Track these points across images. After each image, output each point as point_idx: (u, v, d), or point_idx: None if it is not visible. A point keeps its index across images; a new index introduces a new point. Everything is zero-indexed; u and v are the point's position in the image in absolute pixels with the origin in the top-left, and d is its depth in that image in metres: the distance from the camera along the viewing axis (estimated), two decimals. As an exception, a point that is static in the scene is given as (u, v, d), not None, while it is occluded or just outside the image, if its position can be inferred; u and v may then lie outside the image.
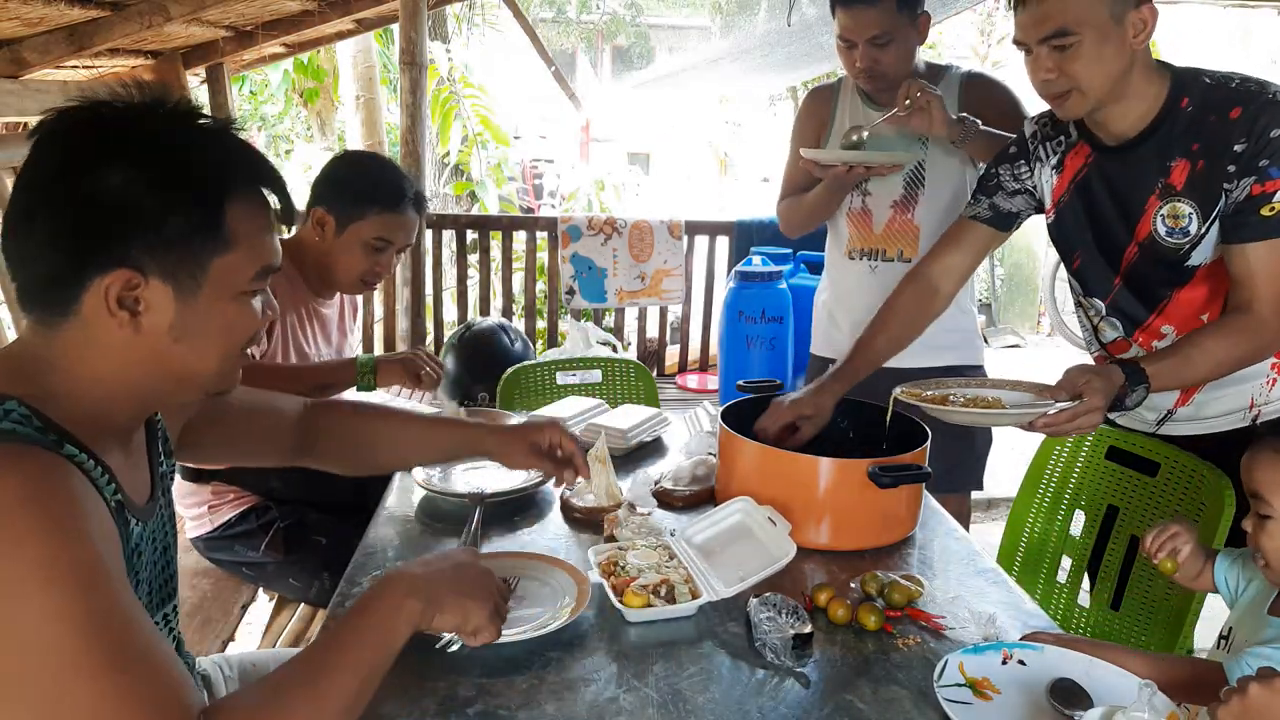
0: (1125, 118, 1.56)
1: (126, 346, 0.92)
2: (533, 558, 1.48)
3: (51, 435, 0.88)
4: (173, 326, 0.92)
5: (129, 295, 0.89)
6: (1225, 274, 1.55)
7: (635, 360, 2.91)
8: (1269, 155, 1.44)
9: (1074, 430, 1.48)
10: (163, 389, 0.98)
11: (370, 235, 2.02)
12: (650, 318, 4.94)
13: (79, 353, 0.92)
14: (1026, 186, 1.78)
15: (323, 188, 2.06)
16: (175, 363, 0.95)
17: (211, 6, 3.34)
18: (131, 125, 0.91)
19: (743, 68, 6.16)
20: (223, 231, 0.92)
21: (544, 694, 1.15)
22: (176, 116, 0.94)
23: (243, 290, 0.96)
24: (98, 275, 0.88)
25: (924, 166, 2.22)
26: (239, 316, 0.97)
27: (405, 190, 2.05)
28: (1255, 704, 0.92)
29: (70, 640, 0.78)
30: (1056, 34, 1.47)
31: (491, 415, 2.24)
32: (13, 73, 3.23)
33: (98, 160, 0.88)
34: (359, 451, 1.44)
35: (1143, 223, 1.60)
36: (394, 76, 6.07)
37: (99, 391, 0.93)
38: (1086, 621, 1.90)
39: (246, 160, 0.97)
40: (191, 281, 0.92)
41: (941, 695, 1.13)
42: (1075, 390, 1.46)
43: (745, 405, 1.83)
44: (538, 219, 5.23)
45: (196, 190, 0.91)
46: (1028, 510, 2.04)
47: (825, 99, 2.36)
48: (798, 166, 2.38)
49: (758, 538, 1.49)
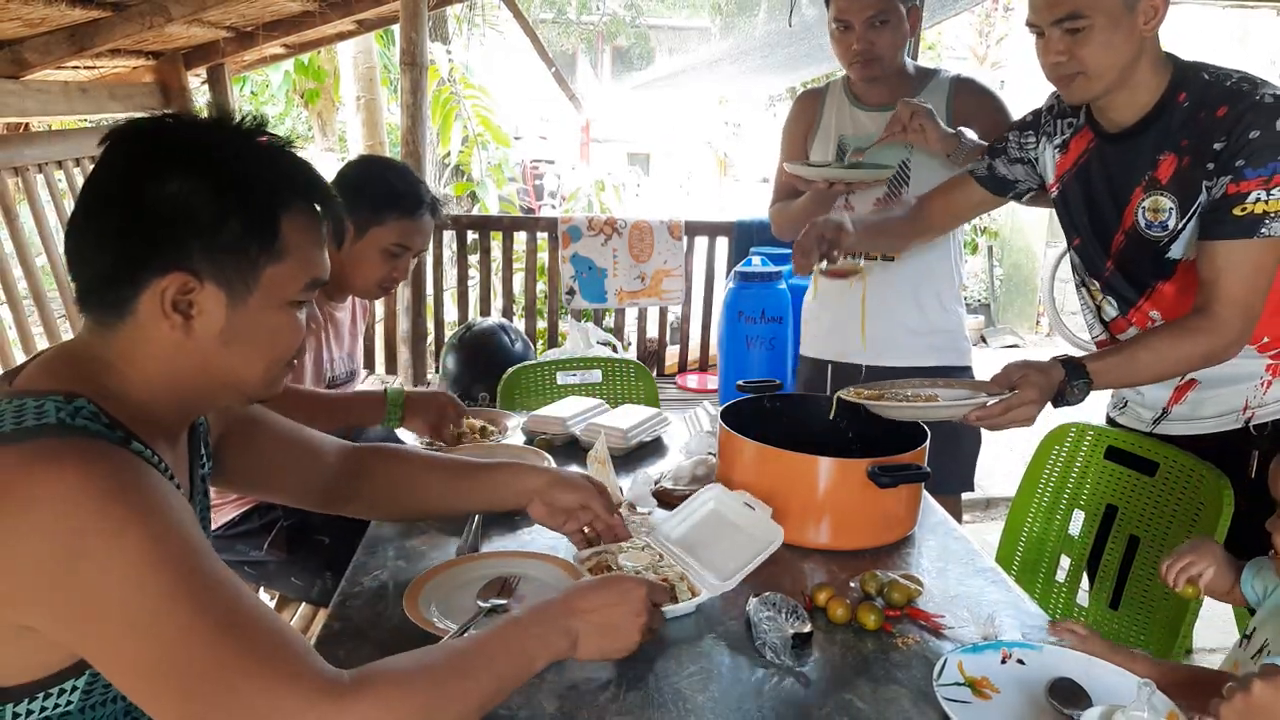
0: (1127, 107, 1.58)
1: (178, 349, 0.95)
2: (533, 557, 1.49)
3: (119, 432, 0.91)
4: (223, 331, 0.95)
5: (183, 299, 0.93)
6: None
7: (635, 360, 2.91)
8: (1245, 156, 1.45)
9: (1008, 423, 1.51)
10: (209, 392, 1.01)
11: (388, 241, 2.01)
12: (650, 318, 4.95)
13: (132, 354, 0.95)
14: (1029, 157, 1.81)
15: (341, 193, 2.05)
16: (223, 367, 0.98)
17: (212, 7, 3.35)
18: (196, 136, 0.96)
19: (742, 69, 6.16)
20: (277, 241, 0.95)
21: (544, 693, 1.15)
22: (240, 131, 0.98)
23: (291, 300, 1.00)
24: (155, 277, 0.91)
25: (909, 166, 2.23)
26: (285, 326, 1.00)
27: (423, 196, 2.04)
28: (1259, 700, 0.92)
29: (185, 616, 0.82)
30: (1069, 16, 1.49)
31: (492, 415, 2.25)
32: (14, 73, 3.24)
33: (161, 166, 0.92)
34: (402, 500, 1.41)
35: (1128, 212, 1.63)
36: (394, 77, 6.07)
37: (149, 393, 0.96)
38: (1085, 621, 1.90)
39: (304, 176, 1.00)
40: (244, 288, 0.95)
41: (941, 694, 1.13)
42: (1010, 384, 1.49)
43: (745, 405, 1.83)
44: (538, 219, 5.24)
45: (254, 199, 0.94)
46: (1027, 509, 2.04)
47: (813, 102, 2.38)
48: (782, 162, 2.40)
49: (738, 525, 1.48)
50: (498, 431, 2.16)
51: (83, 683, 0.89)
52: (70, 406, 0.88)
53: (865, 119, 2.27)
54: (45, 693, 0.88)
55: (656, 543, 1.48)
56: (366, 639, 1.27)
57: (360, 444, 1.44)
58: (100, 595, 0.81)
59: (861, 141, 2.22)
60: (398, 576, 1.45)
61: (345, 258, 2.02)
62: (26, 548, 0.80)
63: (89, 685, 0.90)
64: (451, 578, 1.41)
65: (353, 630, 1.28)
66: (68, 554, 0.80)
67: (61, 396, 0.89)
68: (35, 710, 0.88)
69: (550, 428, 2.10)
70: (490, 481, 1.42)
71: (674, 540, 1.49)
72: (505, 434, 2.15)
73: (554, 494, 1.39)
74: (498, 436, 2.13)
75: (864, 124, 2.27)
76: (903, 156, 2.21)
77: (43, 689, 0.88)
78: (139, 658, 0.82)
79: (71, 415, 0.88)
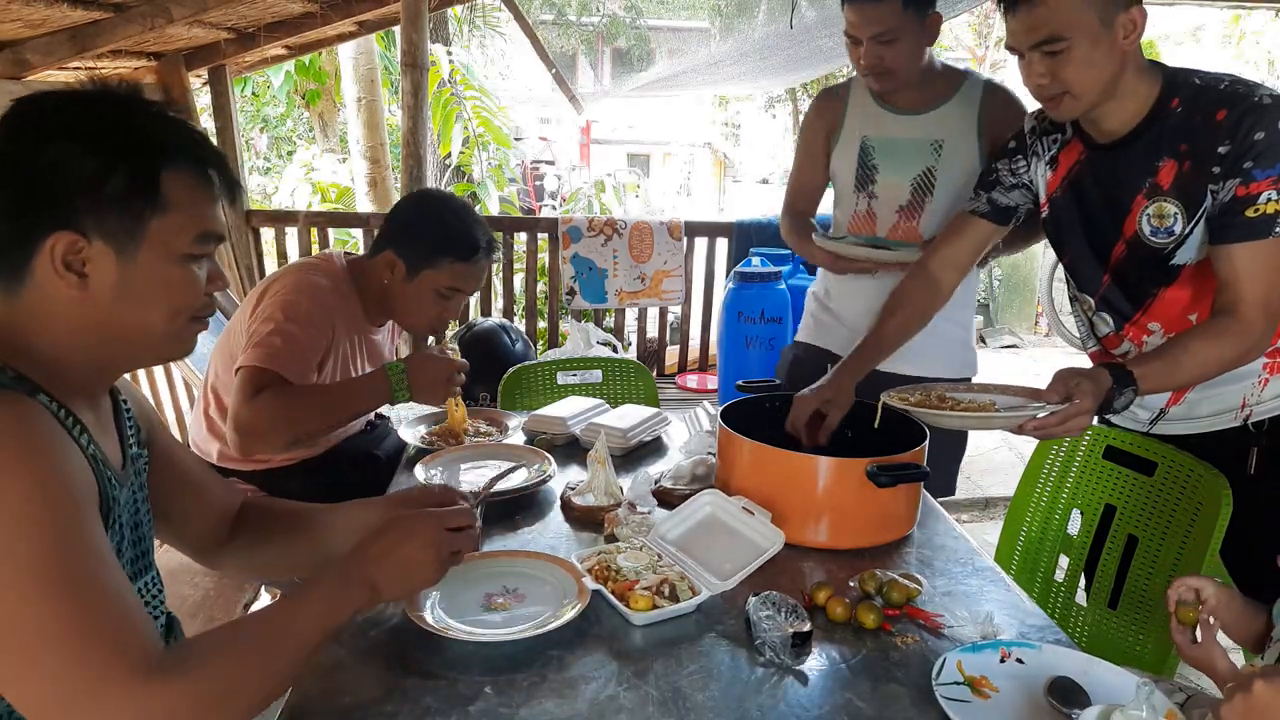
0: (1117, 116, 1.58)
1: (78, 307, 0.98)
2: (533, 556, 1.49)
3: (26, 385, 0.94)
4: (115, 286, 0.98)
5: (75, 258, 0.96)
6: (1211, 275, 1.56)
7: (635, 360, 2.91)
8: (1253, 157, 1.45)
9: (1063, 432, 1.50)
10: (117, 350, 1.03)
11: (441, 284, 1.98)
12: (650, 318, 4.95)
13: (38, 315, 0.98)
14: (1023, 181, 1.80)
15: (395, 231, 2.00)
16: (123, 324, 1.00)
17: (213, 8, 3.36)
18: (72, 104, 0.98)
19: (742, 70, 6.17)
20: (159, 195, 0.98)
21: (545, 691, 1.16)
22: (115, 97, 1.00)
23: (183, 253, 1.01)
24: (43, 238, 0.94)
25: (934, 173, 2.18)
26: (180, 279, 1.02)
27: (479, 241, 1.99)
28: (1259, 701, 0.92)
29: (38, 568, 0.84)
30: (1047, 40, 1.49)
31: (493, 415, 2.25)
32: (15, 74, 3.25)
33: (39, 133, 0.96)
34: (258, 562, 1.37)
35: (1129, 221, 1.62)
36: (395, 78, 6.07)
37: (58, 352, 0.99)
38: (1084, 621, 1.91)
39: (183, 134, 1.02)
40: (130, 242, 0.97)
41: (940, 694, 1.13)
42: (1066, 393, 1.47)
43: (745, 405, 1.83)
44: (539, 220, 5.24)
45: (133, 155, 0.97)
46: (1025, 509, 2.05)
47: (836, 100, 2.31)
48: (806, 172, 2.36)
49: (735, 530, 1.49)
50: (498, 431, 2.17)
51: None
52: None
53: (892, 121, 2.20)
54: None
55: (654, 543, 1.49)
56: (366, 638, 1.27)
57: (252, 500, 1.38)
58: None
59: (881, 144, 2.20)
60: (398, 576, 1.45)
61: (396, 293, 2.00)
62: None
63: None
64: (452, 577, 1.40)
65: (353, 630, 1.28)
66: None
67: None
68: None
69: (550, 428, 2.10)
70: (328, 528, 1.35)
71: (671, 541, 1.50)
72: (505, 434, 2.15)
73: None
74: (498, 436, 2.14)
75: (890, 126, 2.20)
76: (928, 164, 2.18)
77: None
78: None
79: None
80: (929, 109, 2.17)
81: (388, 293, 2.01)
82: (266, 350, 1.77)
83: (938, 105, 2.17)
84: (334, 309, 1.94)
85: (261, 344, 1.78)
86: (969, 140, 2.15)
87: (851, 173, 2.25)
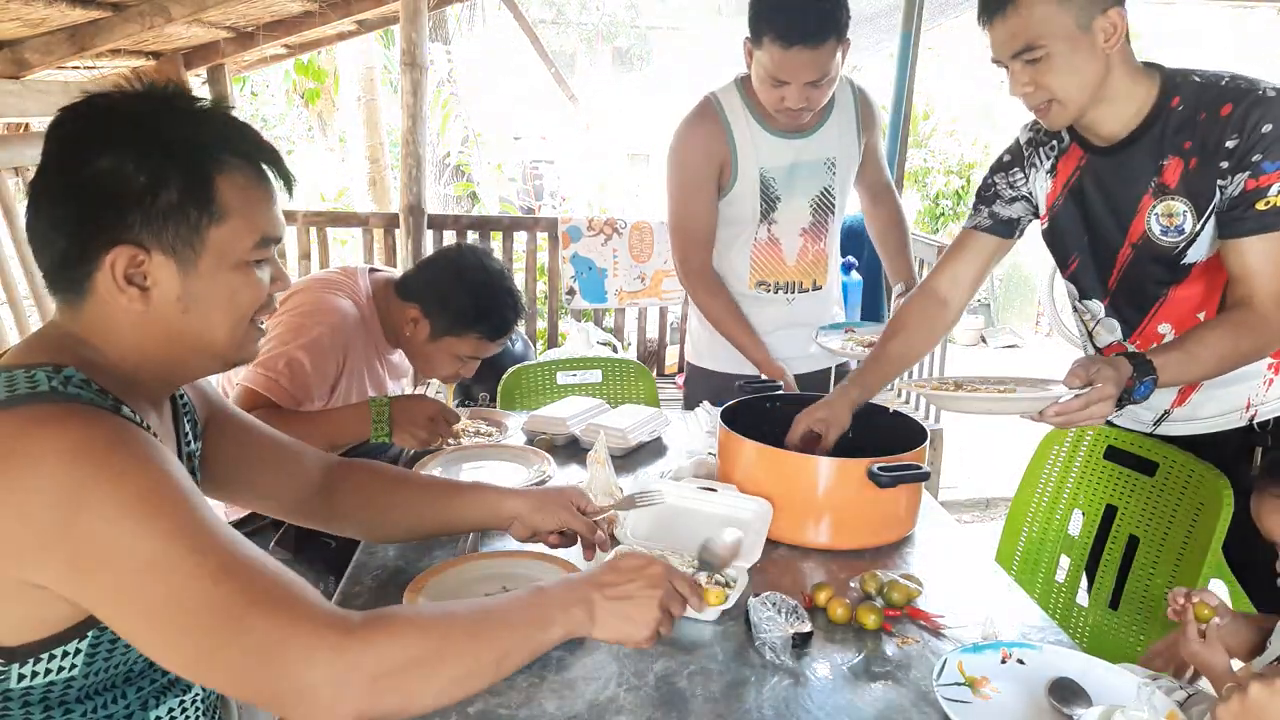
0: (1115, 119, 1.57)
1: (141, 320, 0.97)
2: (533, 556, 1.49)
3: (109, 398, 0.93)
4: (180, 298, 0.97)
5: (136, 271, 0.94)
6: (1221, 271, 1.56)
7: (635, 360, 2.91)
8: (1261, 150, 1.45)
9: (1084, 419, 1.44)
10: (182, 360, 1.02)
11: (463, 352, 1.97)
12: (650, 318, 4.95)
13: (102, 329, 0.97)
14: (1023, 193, 1.78)
15: (426, 290, 1.96)
16: (188, 334, 0.99)
17: (212, 7, 3.35)
18: (119, 111, 0.96)
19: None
20: (215, 203, 0.96)
21: (544, 692, 1.16)
22: (163, 99, 0.99)
23: (244, 260, 1.00)
24: (103, 253, 0.93)
25: (832, 192, 2.19)
26: (243, 285, 1.01)
27: (509, 321, 1.96)
28: (1255, 703, 0.92)
29: (189, 558, 0.84)
30: (1025, 49, 1.49)
31: (492, 415, 2.25)
32: (14, 73, 3.24)
33: (90, 145, 0.93)
34: (381, 516, 1.39)
35: (1136, 223, 1.61)
36: (395, 77, 6.07)
37: (125, 365, 0.98)
38: (1085, 621, 1.91)
39: (235, 134, 1.00)
40: (190, 253, 0.96)
41: (941, 694, 1.13)
42: (1087, 378, 1.43)
43: (745, 405, 1.83)
44: (538, 219, 5.23)
45: (185, 163, 0.95)
46: (1026, 509, 2.04)
47: (717, 134, 2.13)
48: (701, 218, 2.18)
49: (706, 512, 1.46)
50: (498, 431, 2.16)
51: (85, 645, 0.91)
52: (60, 375, 0.91)
53: (784, 147, 2.14)
54: (50, 654, 0.90)
55: (627, 543, 1.48)
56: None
57: (344, 458, 1.41)
58: (104, 544, 0.83)
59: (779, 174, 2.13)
60: (398, 576, 1.45)
61: (416, 347, 2.01)
62: (31, 504, 0.82)
63: (92, 648, 0.92)
64: (452, 577, 1.41)
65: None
66: (70, 506, 0.82)
67: (50, 367, 0.91)
68: (40, 672, 0.90)
69: (550, 428, 2.10)
70: (473, 502, 1.40)
71: (642, 538, 1.48)
72: (505, 434, 2.15)
73: (535, 518, 1.39)
74: (498, 436, 2.14)
75: (784, 154, 2.14)
76: (824, 184, 2.19)
77: (46, 649, 0.89)
78: (146, 602, 0.84)
79: (63, 384, 0.90)
80: (816, 128, 2.16)
81: (408, 343, 2.02)
82: (268, 377, 1.77)
83: (823, 122, 2.16)
84: (351, 335, 1.93)
85: (266, 366, 1.78)
86: (854, 150, 2.22)
87: (754, 206, 2.18)
